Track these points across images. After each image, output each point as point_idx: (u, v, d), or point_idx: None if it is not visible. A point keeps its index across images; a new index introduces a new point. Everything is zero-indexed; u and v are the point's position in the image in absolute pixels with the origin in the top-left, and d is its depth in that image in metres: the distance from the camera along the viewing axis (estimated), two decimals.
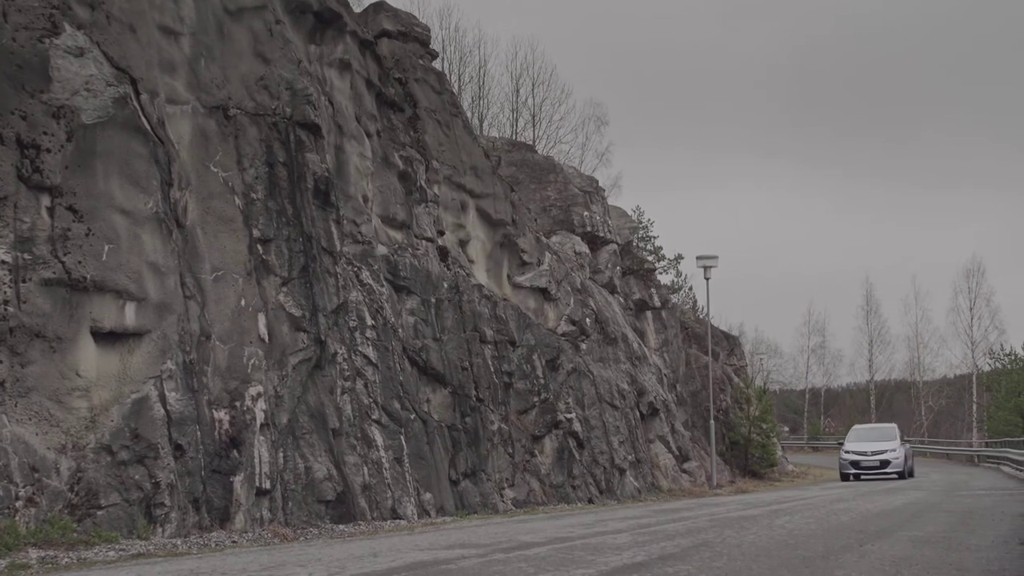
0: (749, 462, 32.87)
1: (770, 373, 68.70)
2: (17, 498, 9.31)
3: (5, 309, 9.58)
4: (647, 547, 8.87)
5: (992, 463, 42.47)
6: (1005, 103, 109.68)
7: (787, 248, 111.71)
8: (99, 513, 9.94)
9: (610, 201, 32.48)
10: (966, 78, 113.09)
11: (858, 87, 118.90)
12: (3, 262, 9.66)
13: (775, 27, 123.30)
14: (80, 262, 10.24)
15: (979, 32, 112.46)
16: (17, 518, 9.21)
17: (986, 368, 57.87)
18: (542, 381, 20.42)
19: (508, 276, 21.52)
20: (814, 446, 62.46)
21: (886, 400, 71.88)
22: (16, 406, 9.60)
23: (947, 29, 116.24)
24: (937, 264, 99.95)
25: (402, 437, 15.35)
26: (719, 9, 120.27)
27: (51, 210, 10.20)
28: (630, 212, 38.66)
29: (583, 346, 23.18)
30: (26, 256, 9.86)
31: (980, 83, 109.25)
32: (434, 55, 20.90)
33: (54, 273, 10.02)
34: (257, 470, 12.07)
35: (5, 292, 9.63)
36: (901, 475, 30.18)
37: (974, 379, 59.01)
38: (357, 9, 19.76)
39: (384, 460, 14.65)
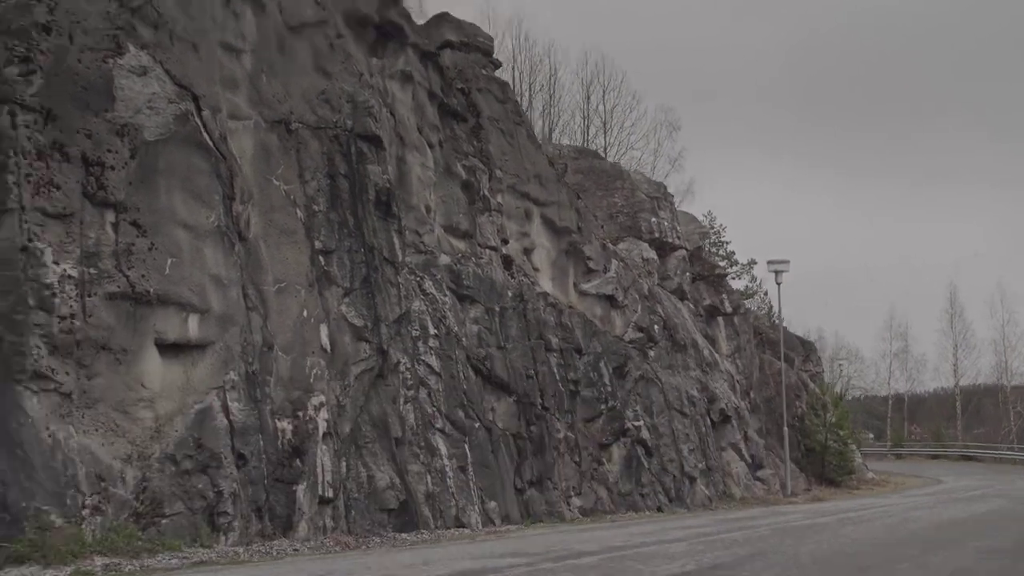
0: (826, 470, 32.25)
1: (851, 379, 67.44)
2: (84, 507, 9.56)
3: (72, 322, 9.85)
4: (700, 556, 8.79)
5: None
6: None
7: (868, 252, 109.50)
8: (163, 521, 10.15)
9: (684, 207, 32.29)
10: None
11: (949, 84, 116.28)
12: (70, 277, 9.93)
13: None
14: (144, 276, 10.49)
15: None
16: (83, 526, 9.45)
17: None
18: (609, 389, 20.33)
19: (574, 284, 21.47)
20: (897, 453, 61.14)
21: (973, 406, 70.07)
22: (83, 417, 9.86)
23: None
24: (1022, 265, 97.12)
25: (466, 445, 15.40)
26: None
27: (115, 225, 10.47)
28: (701, 218, 38.34)
29: (651, 353, 23.02)
30: (91, 271, 10.13)
31: None
32: (497, 64, 20.97)
33: (118, 287, 10.28)
34: (320, 479, 12.22)
35: (71, 306, 9.90)
36: None
37: None
38: (420, 21, 19.91)
39: (448, 469, 14.71)
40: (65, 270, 9.90)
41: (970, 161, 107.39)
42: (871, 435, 65.43)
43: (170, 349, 10.79)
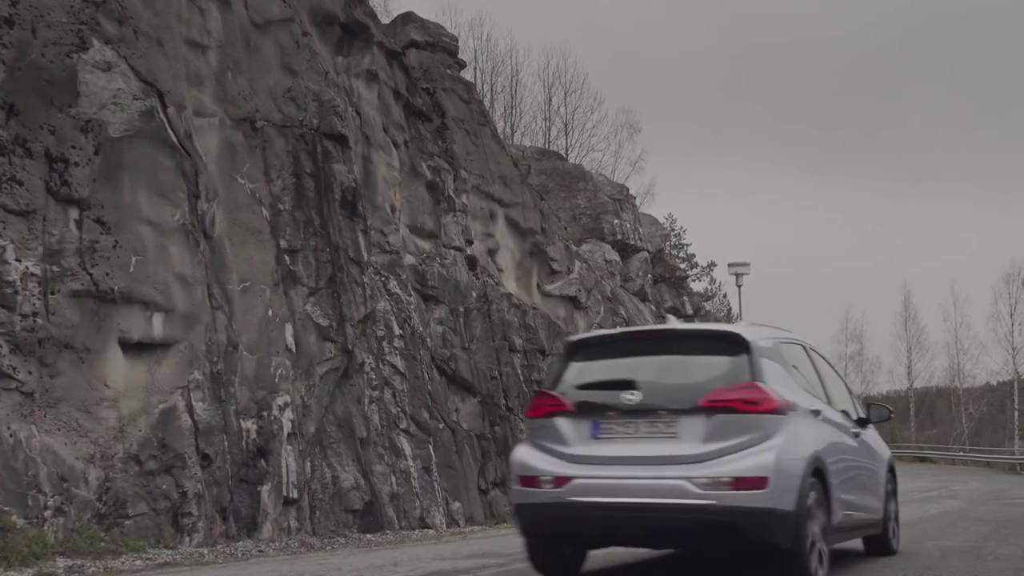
0: None
1: None
2: (46, 507, 9.43)
3: (34, 321, 9.71)
4: (669, 556, 8.83)
5: None
6: None
7: (824, 254, 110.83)
8: (127, 522, 10.03)
9: (645, 209, 32.44)
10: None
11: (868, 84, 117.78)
12: (32, 274, 9.79)
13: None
14: (108, 274, 10.36)
15: None
16: (45, 527, 9.32)
17: None
18: None
19: (538, 285, 21.52)
20: None
21: (926, 407, 71.06)
22: (45, 416, 9.72)
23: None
24: (976, 269, 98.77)
25: (430, 446, 15.38)
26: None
27: (79, 223, 10.33)
28: (662, 220, 38.57)
29: None
30: (55, 268, 9.99)
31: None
32: (462, 65, 20.98)
33: (82, 285, 10.14)
34: (284, 479, 12.14)
35: (34, 304, 9.75)
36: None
37: (1015, 386, 58.24)
38: (385, 20, 19.87)
39: (412, 469, 14.68)
40: (28, 268, 9.75)
41: (931, 164, 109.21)
42: None
43: (134, 348, 10.66)
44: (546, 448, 7.10)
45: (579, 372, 7.49)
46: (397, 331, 15.42)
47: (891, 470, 9.74)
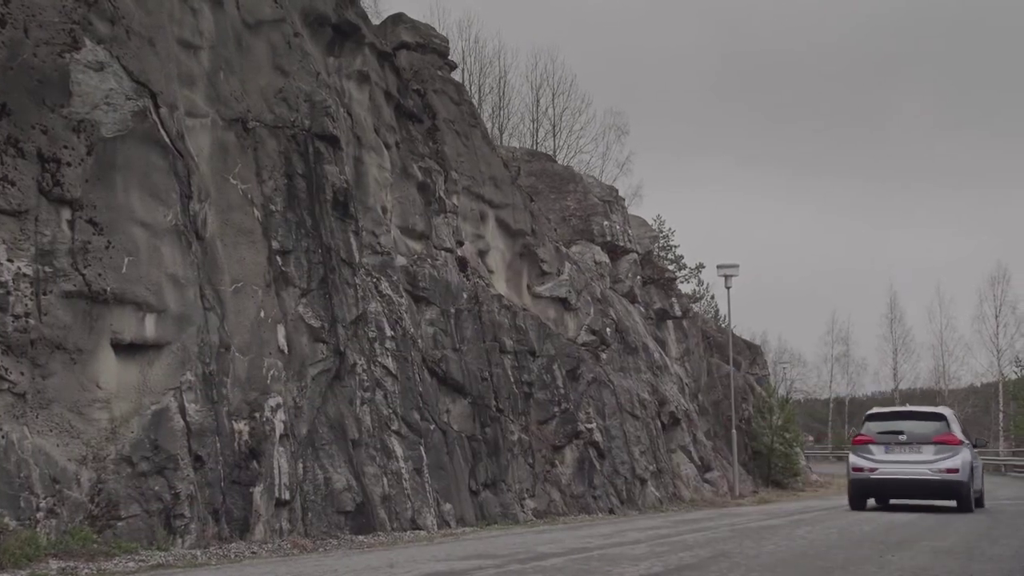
0: (772, 472, 32.67)
1: (793, 382, 68.41)
2: (38, 509, 9.37)
3: (26, 321, 9.66)
4: (664, 557, 8.84)
5: (1018, 472, 42.05)
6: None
7: (812, 255, 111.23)
8: (119, 524, 9.99)
9: (632, 210, 32.45)
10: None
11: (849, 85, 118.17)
12: (24, 275, 9.73)
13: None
14: (100, 274, 10.31)
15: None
16: (38, 529, 9.26)
17: (1012, 376, 57.43)
18: (562, 391, 20.39)
19: (528, 286, 21.51)
20: (839, 456, 62.12)
21: None
22: (37, 418, 9.67)
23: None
24: (962, 270, 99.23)
25: (421, 447, 15.36)
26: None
27: (71, 223, 10.28)
28: (651, 221, 38.60)
29: (603, 356, 23.13)
30: (47, 269, 9.93)
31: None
32: (453, 66, 20.96)
33: (74, 285, 10.09)
34: (276, 481, 12.11)
35: (26, 305, 9.70)
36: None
37: (1000, 387, 58.56)
38: (376, 21, 19.85)
39: (403, 470, 14.66)
40: (20, 268, 9.69)
41: (918, 165, 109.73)
42: (811, 438, 66.42)
43: (126, 349, 10.61)
44: (864, 456, 17.98)
45: (875, 426, 18.51)
46: (388, 332, 15.40)
47: (983, 468, 20.90)
